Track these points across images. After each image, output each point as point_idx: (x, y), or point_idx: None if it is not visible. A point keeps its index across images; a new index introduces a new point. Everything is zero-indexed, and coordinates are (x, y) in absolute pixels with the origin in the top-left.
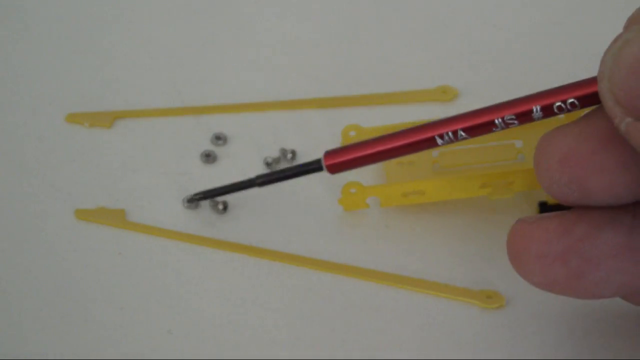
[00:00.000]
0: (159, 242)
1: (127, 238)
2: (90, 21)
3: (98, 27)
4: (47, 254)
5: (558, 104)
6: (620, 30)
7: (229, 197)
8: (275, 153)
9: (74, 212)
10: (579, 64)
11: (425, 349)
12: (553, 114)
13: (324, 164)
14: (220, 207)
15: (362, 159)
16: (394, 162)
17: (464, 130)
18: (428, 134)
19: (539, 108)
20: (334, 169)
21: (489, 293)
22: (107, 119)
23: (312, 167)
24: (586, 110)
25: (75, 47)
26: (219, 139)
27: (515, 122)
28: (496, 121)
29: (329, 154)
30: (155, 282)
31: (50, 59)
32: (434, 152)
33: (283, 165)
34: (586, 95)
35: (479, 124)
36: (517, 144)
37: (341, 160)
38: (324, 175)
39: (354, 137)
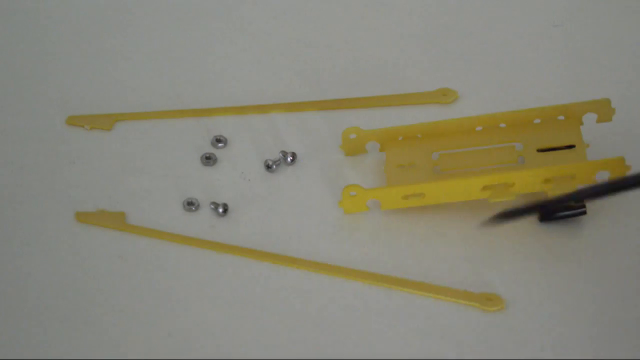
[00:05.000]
0: (159, 244)
1: (128, 241)
2: (90, 24)
3: (98, 30)
4: (48, 257)
5: None
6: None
7: (229, 200)
8: (275, 155)
9: (74, 215)
10: (579, 66)
11: (425, 351)
12: None
13: None
14: (220, 209)
15: None
16: (394, 164)
17: None
18: None
19: None
20: None
21: (489, 296)
22: (107, 121)
23: None
24: None
25: (75, 49)
26: (219, 141)
27: None
28: None
29: None
30: (156, 285)
31: (51, 62)
32: (434, 155)
33: (283, 167)
34: None
35: None
36: (517, 147)
37: None
38: (323, 177)
39: (354, 140)
